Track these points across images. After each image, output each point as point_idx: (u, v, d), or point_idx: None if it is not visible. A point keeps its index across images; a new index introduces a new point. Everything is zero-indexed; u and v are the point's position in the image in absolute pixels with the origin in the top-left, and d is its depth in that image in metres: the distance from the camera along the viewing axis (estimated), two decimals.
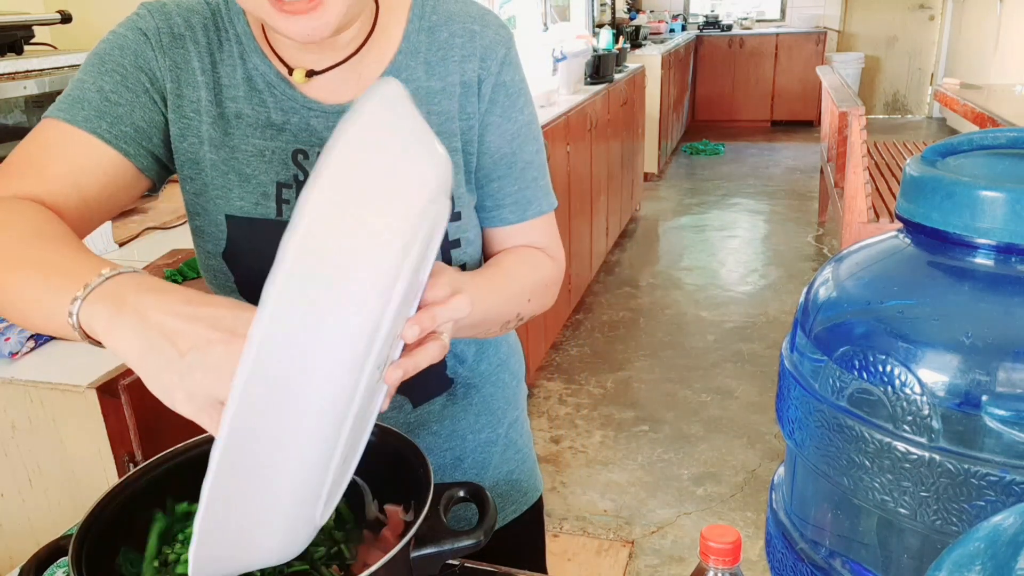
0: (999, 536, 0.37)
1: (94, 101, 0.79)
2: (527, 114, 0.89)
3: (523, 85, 0.90)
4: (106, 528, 0.66)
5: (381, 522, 0.73)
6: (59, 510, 1.30)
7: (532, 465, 1.09)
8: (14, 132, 1.79)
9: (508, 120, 0.87)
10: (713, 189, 6.22)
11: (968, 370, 0.50)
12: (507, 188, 0.89)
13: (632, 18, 7.58)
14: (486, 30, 0.86)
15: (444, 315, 0.61)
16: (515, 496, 1.05)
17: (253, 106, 0.82)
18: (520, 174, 0.89)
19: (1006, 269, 0.53)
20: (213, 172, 0.82)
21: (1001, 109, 3.67)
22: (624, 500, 2.52)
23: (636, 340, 3.65)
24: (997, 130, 0.64)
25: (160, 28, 0.81)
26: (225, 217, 0.83)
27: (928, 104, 8.69)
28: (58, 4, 2.06)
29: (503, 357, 1.01)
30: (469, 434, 0.98)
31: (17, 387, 1.23)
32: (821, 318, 0.60)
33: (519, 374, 1.06)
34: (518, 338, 1.09)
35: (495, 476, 1.02)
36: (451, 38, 0.85)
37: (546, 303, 0.92)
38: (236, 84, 0.82)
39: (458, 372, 0.95)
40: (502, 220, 0.90)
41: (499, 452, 1.02)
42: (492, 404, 1.00)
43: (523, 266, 0.89)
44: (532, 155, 0.90)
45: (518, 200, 0.89)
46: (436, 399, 0.95)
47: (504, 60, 0.86)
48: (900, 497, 0.53)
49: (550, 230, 0.93)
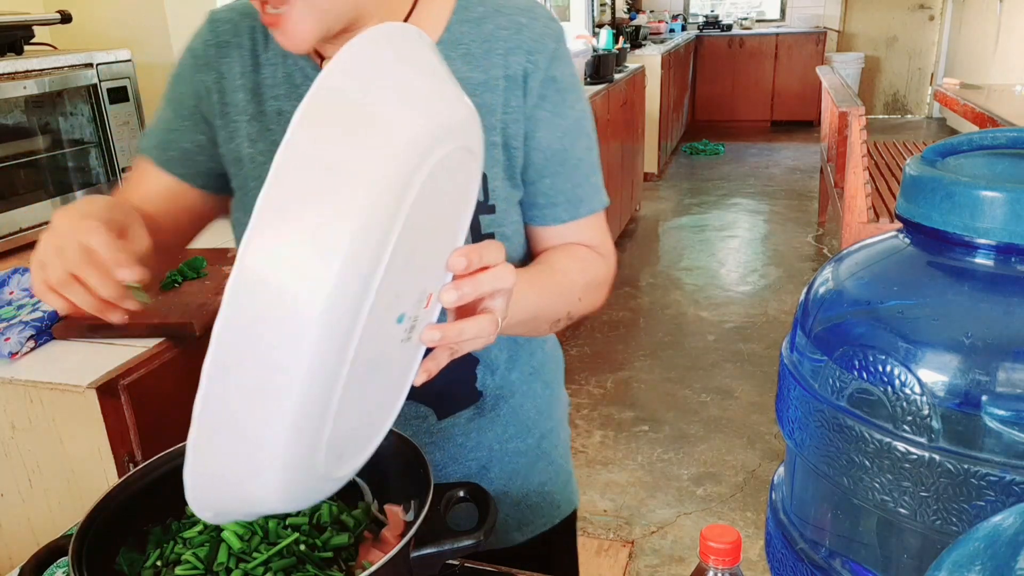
0: (999, 536, 0.37)
1: (157, 130, 0.90)
2: (578, 110, 0.87)
3: (574, 80, 0.87)
4: (106, 528, 0.66)
5: (381, 522, 0.73)
6: (59, 510, 1.30)
7: (567, 478, 1.05)
8: (14, 132, 1.79)
9: (559, 116, 0.85)
10: (713, 189, 6.22)
11: (968, 370, 0.50)
12: (560, 185, 0.87)
13: (632, 18, 7.58)
14: (534, 23, 0.84)
15: (486, 282, 0.58)
16: (545, 508, 1.02)
17: (293, 103, 0.84)
18: (572, 171, 0.87)
19: (1006, 269, 0.53)
20: (252, 166, 0.86)
21: (1001, 109, 3.67)
22: (624, 500, 2.52)
23: (636, 340, 3.65)
24: (997, 130, 0.64)
25: (207, 41, 0.87)
26: None
27: (928, 104, 8.69)
28: (58, 4, 2.06)
29: (536, 365, 0.98)
30: (496, 444, 0.96)
31: (17, 387, 1.23)
32: (821, 318, 0.60)
33: (554, 383, 1.03)
34: (558, 343, 1.06)
35: (525, 487, 0.99)
36: (496, 30, 0.83)
37: (596, 302, 0.90)
38: (278, 83, 0.85)
39: (487, 384, 0.93)
40: (555, 218, 0.88)
41: (529, 463, 0.99)
42: (521, 415, 0.97)
43: (575, 263, 0.87)
44: (584, 152, 0.88)
45: (571, 198, 0.87)
46: (463, 412, 0.93)
47: (554, 54, 0.84)
48: (900, 497, 0.53)
49: (601, 228, 0.91)
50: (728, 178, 6.55)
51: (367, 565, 0.64)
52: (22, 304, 1.37)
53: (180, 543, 0.70)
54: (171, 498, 0.73)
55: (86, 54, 1.85)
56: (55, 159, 1.88)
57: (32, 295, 1.39)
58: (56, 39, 2.14)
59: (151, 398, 1.28)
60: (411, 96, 0.52)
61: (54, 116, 1.86)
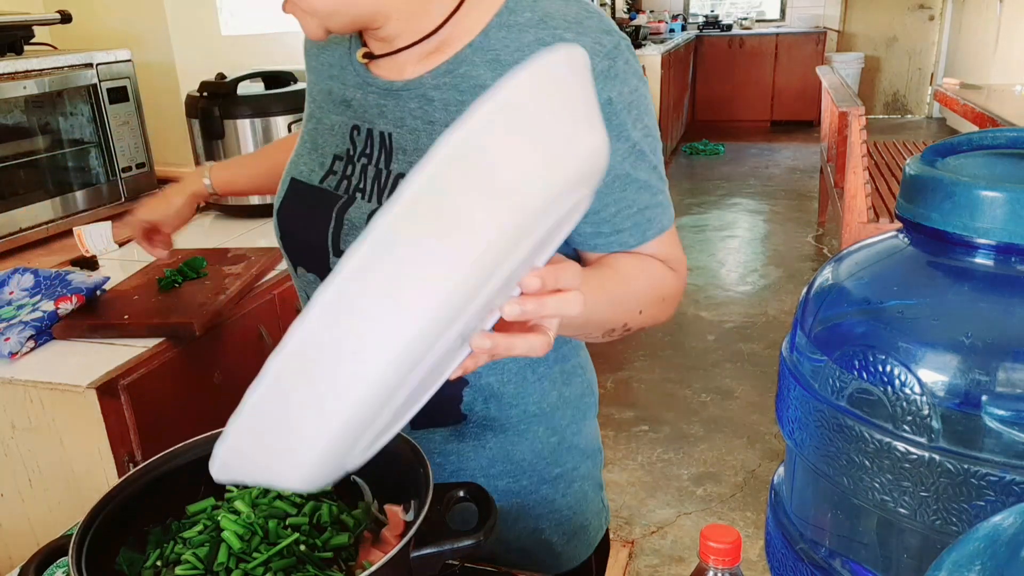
0: (999, 536, 0.37)
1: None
2: (641, 127, 0.80)
3: (634, 96, 0.78)
4: (106, 528, 0.66)
5: (381, 522, 0.73)
6: (59, 510, 1.30)
7: (578, 530, 0.97)
8: (14, 132, 1.79)
9: (618, 139, 0.77)
10: (713, 189, 6.22)
11: (968, 370, 0.50)
12: (625, 211, 0.80)
13: (632, 18, 7.58)
14: (581, 39, 0.75)
15: (551, 306, 0.56)
16: (538, 556, 0.95)
17: (337, 84, 0.88)
18: (637, 195, 0.80)
19: (1006, 269, 0.53)
20: (300, 140, 0.92)
21: (1001, 109, 3.67)
22: (624, 500, 2.52)
23: (636, 340, 3.65)
24: (997, 130, 0.64)
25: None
26: (290, 179, 0.91)
27: (928, 104, 8.69)
28: (58, 4, 2.06)
29: (547, 408, 0.91)
30: (480, 476, 0.91)
31: (17, 387, 1.23)
32: (821, 318, 0.60)
33: (567, 431, 0.94)
34: (592, 389, 0.97)
35: (515, 529, 0.93)
36: (535, 44, 0.76)
37: (660, 317, 0.84)
38: (334, 63, 0.89)
39: (474, 410, 0.88)
40: (622, 244, 0.81)
41: (522, 506, 0.93)
42: (514, 455, 0.91)
43: (640, 273, 0.81)
44: (649, 172, 0.81)
45: (638, 222, 0.80)
46: (438, 430, 0.89)
47: (607, 74, 0.75)
48: (900, 497, 0.53)
49: (673, 243, 0.84)
50: (728, 178, 6.55)
51: (367, 565, 0.64)
52: (22, 304, 1.37)
53: (180, 543, 0.70)
54: (171, 498, 0.73)
55: (86, 54, 1.85)
56: (55, 159, 1.88)
57: (32, 295, 1.39)
58: (56, 39, 2.14)
59: (151, 398, 1.28)
60: (557, 142, 0.50)
61: (54, 116, 1.86)
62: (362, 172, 0.84)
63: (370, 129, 0.84)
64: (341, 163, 0.86)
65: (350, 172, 0.85)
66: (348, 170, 0.85)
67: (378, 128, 0.83)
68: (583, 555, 1.00)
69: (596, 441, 1.00)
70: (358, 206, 0.83)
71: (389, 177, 0.82)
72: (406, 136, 0.81)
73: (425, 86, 0.80)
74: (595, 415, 0.99)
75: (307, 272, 0.89)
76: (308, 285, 0.90)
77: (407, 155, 0.81)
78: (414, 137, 0.81)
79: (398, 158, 0.81)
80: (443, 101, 0.79)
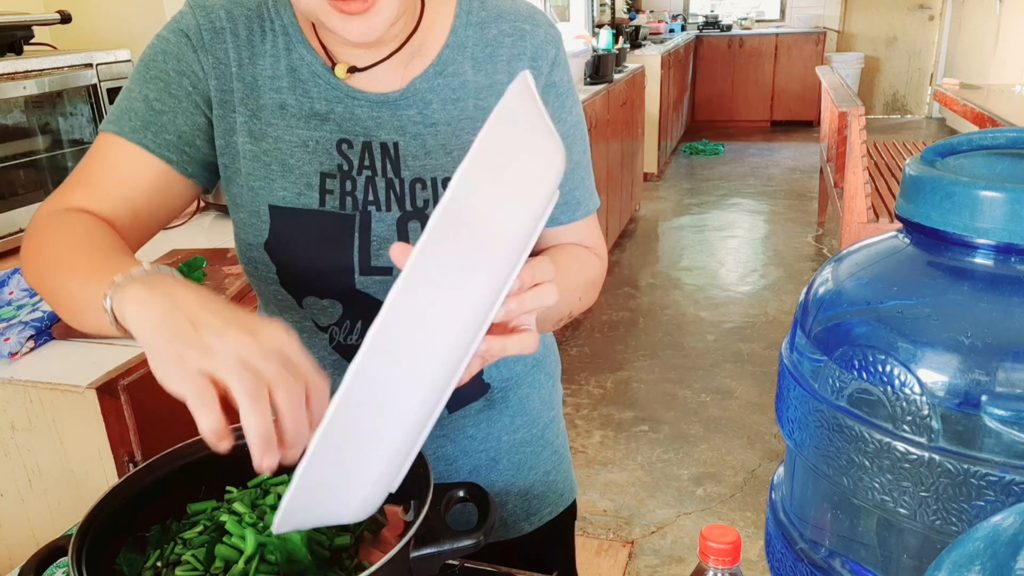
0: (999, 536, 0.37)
1: (140, 111, 0.81)
2: (575, 114, 0.89)
3: (571, 85, 0.89)
4: (106, 528, 0.66)
5: (381, 522, 0.73)
6: (59, 510, 1.30)
7: (568, 467, 1.08)
8: (14, 132, 1.79)
9: (558, 121, 0.86)
10: (713, 189, 6.22)
11: (968, 370, 0.50)
12: (561, 188, 0.87)
13: (632, 18, 7.58)
14: (537, 30, 0.86)
15: (530, 301, 0.60)
16: (551, 497, 1.04)
17: (297, 96, 0.82)
18: (570, 175, 0.89)
19: (1005, 269, 0.53)
20: (253, 163, 0.82)
21: (1001, 109, 3.67)
22: (624, 500, 2.52)
23: (636, 340, 3.65)
24: (997, 130, 0.64)
25: (201, 25, 0.82)
26: (268, 207, 0.82)
27: (928, 104, 8.69)
28: (58, 4, 2.06)
29: (538, 357, 1.01)
30: (504, 435, 0.98)
31: (17, 387, 1.23)
32: (821, 318, 0.60)
33: (555, 374, 1.06)
34: (554, 338, 1.09)
35: (531, 477, 1.01)
36: (500, 36, 0.85)
37: (591, 301, 0.92)
38: (279, 75, 0.82)
39: (493, 376, 0.95)
40: (553, 220, 0.89)
41: (535, 453, 1.01)
42: (527, 405, 0.99)
43: (575, 263, 0.89)
44: (580, 155, 0.90)
45: (568, 201, 0.89)
46: (473, 404, 0.94)
47: (555, 60, 0.86)
48: (900, 497, 0.53)
49: (595, 229, 0.94)
50: (728, 178, 6.55)
51: (367, 565, 0.64)
52: (22, 304, 1.37)
53: (180, 544, 0.70)
54: (171, 498, 0.73)
55: (86, 54, 1.85)
56: (55, 159, 1.88)
57: (32, 295, 1.39)
58: (56, 39, 2.14)
59: (151, 398, 1.28)
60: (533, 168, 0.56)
61: (54, 116, 1.86)
62: (367, 185, 0.82)
63: (367, 142, 0.82)
64: (335, 180, 0.82)
65: (350, 188, 0.82)
66: (347, 186, 0.82)
67: (378, 139, 0.83)
68: (575, 491, 1.10)
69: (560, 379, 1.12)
70: (379, 219, 0.82)
71: (403, 185, 0.83)
72: (411, 143, 0.83)
73: (420, 92, 0.83)
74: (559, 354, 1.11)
75: (320, 299, 0.86)
76: (321, 312, 0.86)
77: (417, 160, 0.83)
78: (419, 142, 0.83)
79: (407, 165, 0.83)
80: (440, 102, 0.83)
